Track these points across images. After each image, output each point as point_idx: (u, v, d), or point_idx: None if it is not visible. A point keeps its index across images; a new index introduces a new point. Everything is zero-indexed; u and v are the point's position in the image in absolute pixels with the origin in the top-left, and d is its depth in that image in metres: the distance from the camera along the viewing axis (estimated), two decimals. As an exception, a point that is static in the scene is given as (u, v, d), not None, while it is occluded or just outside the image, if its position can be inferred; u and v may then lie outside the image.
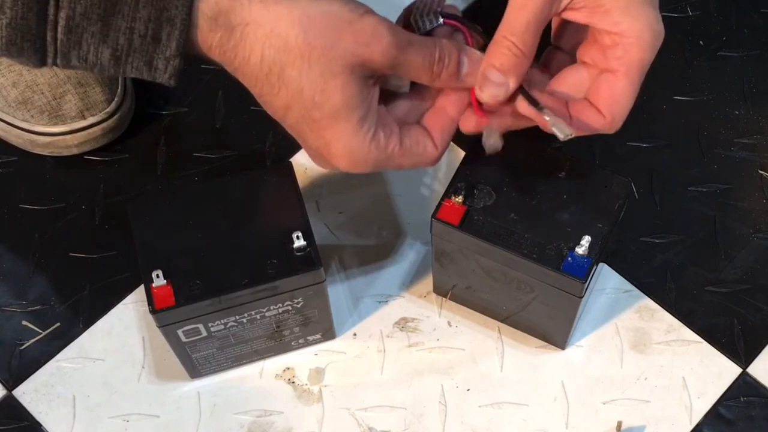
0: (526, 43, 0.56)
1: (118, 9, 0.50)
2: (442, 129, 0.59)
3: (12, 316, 0.71)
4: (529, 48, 0.56)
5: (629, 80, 0.57)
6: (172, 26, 0.50)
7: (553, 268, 0.59)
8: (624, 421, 0.66)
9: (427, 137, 0.58)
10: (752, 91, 0.80)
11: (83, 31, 0.50)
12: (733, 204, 0.75)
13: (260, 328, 0.64)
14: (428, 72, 0.56)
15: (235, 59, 0.52)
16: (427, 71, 0.56)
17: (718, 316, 0.70)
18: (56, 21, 0.50)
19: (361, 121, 0.54)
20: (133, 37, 0.51)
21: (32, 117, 0.75)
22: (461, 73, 0.57)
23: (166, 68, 0.52)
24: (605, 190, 0.62)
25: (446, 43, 0.56)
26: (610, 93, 0.57)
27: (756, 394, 0.67)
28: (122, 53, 0.51)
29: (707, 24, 0.84)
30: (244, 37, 0.51)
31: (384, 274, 0.72)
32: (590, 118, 0.58)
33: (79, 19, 0.50)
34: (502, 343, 0.69)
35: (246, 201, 0.62)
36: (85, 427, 0.67)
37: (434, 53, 0.55)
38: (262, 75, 0.53)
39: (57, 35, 0.50)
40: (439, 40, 0.56)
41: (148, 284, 0.59)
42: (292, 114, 0.54)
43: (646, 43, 0.56)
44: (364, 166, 0.56)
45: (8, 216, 0.76)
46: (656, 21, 0.57)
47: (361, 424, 0.67)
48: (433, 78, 0.56)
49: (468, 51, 0.57)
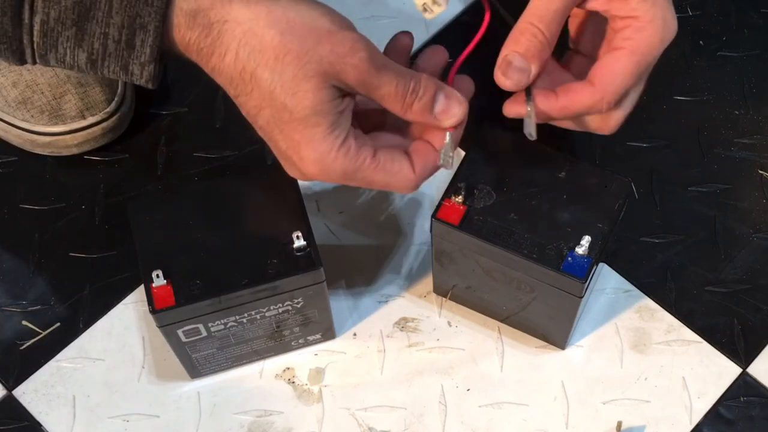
0: (551, 31, 0.56)
1: (92, 15, 0.50)
2: (424, 158, 0.58)
3: (12, 316, 0.71)
4: (553, 35, 0.56)
5: (631, 59, 0.57)
6: (145, 33, 0.51)
7: (553, 268, 0.59)
8: (624, 421, 0.66)
9: (405, 159, 0.57)
10: (752, 91, 0.80)
11: (58, 35, 0.51)
12: (733, 204, 0.75)
13: (260, 328, 0.64)
14: (400, 101, 0.55)
15: (211, 58, 0.52)
16: (398, 100, 0.55)
17: (718, 316, 0.70)
18: (31, 25, 0.50)
19: (332, 126, 0.53)
20: (108, 43, 0.51)
21: (32, 117, 0.75)
22: (435, 109, 0.56)
23: (142, 73, 0.53)
24: (605, 190, 0.62)
25: (425, 77, 0.55)
26: (607, 68, 0.58)
27: (756, 394, 0.67)
28: (98, 57, 0.52)
29: (707, 24, 0.84)
30: (221, 34, 0.51)
31: (384, 274, 0.72)
32: (579, 93, 0.58)
33: (53, 23, 0.50)
34: (502, 343, 0.69)
35: (246, 201, 0.62)
36: (85, 427, 0.67)
37: (408, 83, 0.54)
38: (236, 74, 0.52)
39: (33, 38, 0.51)
40: (418, 73, 0.55)
41: (148, 284, 0.59)
42: (264, 115, 0.54)
43: (658, 30, 0.56)
44: (332, 174, 0.55)
45: (8, 216, 0.76)
46: (672, 15, 0.57)
47: (361, 424, 0.67)
48: (404, 108, 0.55)
49: (446, 89, 0.56)
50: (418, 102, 0.55)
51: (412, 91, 0.55)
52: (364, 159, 0.55)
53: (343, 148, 0.54)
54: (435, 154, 0.58)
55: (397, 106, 0.55)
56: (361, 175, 0.56)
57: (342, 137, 0.54)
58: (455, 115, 0.56)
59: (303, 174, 0.56)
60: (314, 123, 0.53)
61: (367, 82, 0.53)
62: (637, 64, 0.57)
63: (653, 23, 0.56)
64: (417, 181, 0.57)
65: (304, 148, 0.54)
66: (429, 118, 0.56)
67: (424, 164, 0.57)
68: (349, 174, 0.55)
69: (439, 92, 0.56)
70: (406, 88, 0.54)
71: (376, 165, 0.56)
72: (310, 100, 0.52)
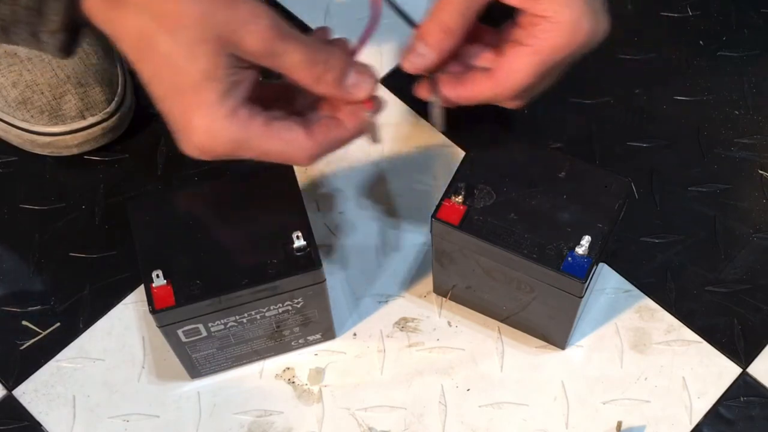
0: (456, 24, 0.57)
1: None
2: (326, 128, 0.56)
3: (12, 316, 0.71)
4: (458, 28, 0.57)
5: (534, 57, 0.58)
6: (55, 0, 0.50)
7: (553, 268, 0.59)
8: (624, 421, 0.66)
9: (301, 128, 0.55)
10: (752, 91, 0.80)
11: None
12: (733, 204, 0.75)
13: (260, 328, 0.64)
14: (308, 72, 0.53)
15: (115, 26, 0.51)
16: (306, 71, 0.53)
17: (718, 316, 0.70)
18: None
19: (224, 94, 0.52)
20: (17, 9, 0.51)
21: (32, 117, 0.75)
22: (346, 82, 0.55)
23: (51, 42, 0.52)
24: (605, 190, 0.62)
25: (335, 49, 0.55)
26: (509, 64, 0.58)
27: (756, 394, 0.67)
28: (8, 23, 0.51)
29: (707, 24, 0.84)
30: (125, 2, 0.50)
31: (384, 274, 0.72)
32: (479, 83, 0.59)
33: None
34: (502, 343, 0.69)
35: (246, 201, 0.62)
36: (85, 427, 0.67)
37: (317, 54, 0.53)
38: (136, 39, 0.51)
39: None
40: (327, 45, 0.55)
41: (148, 284, 0.59)
42: (161, 83, 0.52)
43: (565, 32, 0.57)
44: (221, 143, 0.53)
45: (8, 216, 0.76)
46: (586, 15, 0.57)
47: (361, 424, 0.67)
48: (313, 80, 0.54)
49: (357, 62, 0.56)
50: (330, 74, 0.54)
51: (321, 62, 0.54)
52: (257, 127, 0.53)
53: (234, 116, 0.52)
54: (340, 127, 0.56)
55: (307, 77, 0.54)
56: (254, 144, 0.54)
57: (232, 105, 0.52)
58: (367, 85, 0.56)
59: (194, 146, 0.54)
60: (206, 88, 0.51)
61: (271, 49, 0.52)
62: (538, 64, 0.58)
63: (561, 26, 0.56)
64: (315, 150, 0.55)
65: (193, 115, 0.52)
66: (339, 90, 0.55)
67: (324, 134, 0.56)
68: (240, 143, 0.53)
69: (350, 65, 0.55)
70: (314, 59, 0.53)
71: (270, 133, 0.54)
72: (204, 63, 0.51)
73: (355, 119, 0.57)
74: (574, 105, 0.79)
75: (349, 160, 0.77)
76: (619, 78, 0.80)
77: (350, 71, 0.55)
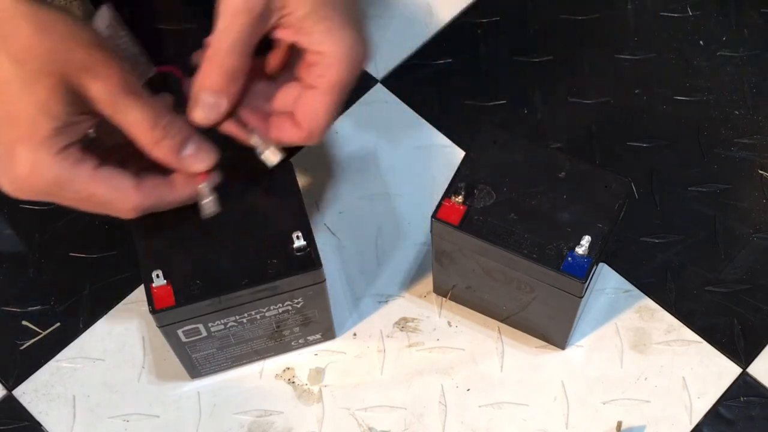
0: (234, 63, 0.55)
1: None
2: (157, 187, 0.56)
3: (12, 316, 0.71)
4: (238, 67, 0.56)
5: (327, 97, 0.58)
6: None
7: (553, 268, 0.59)
8: (624, 421, 0.66)
9: (131, 179, 0.54)
10: (752, 91, 0.80)
11: None
12: (733, 204, 0.75)
13: (260, 328, 0.64)
14: (147, 134, 0.53)
15: None
16: (145, 132, 0.53)
17: (718, 316, 0.70)
18: None
19: (56, 131, 0.51)
20: None
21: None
22: (183, 152, 0.55)
23: None
24: (605, 190, 0.62)
25: (183, 119, 0.54)
26: (307, 108, 0.58)
27: (756, 394, 0.67)
28: None
29: (707, 24, 0.84)
30: None
31: (384, 274, 0.72)
32: (288, 131, 0.59)
33: None
34: (502, 343, 0.69)
35: (246, 201, 0.62)
36: (85, 427, 0.67)
37: (160, 118, 0.53)
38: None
39: None
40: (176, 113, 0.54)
41: (148, 284, 0.59)
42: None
43: (345, 65, 0.57)
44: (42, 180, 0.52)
45: (8, 216, 0.76)
46: (357, 43, 0.57)
47: (361, 424, 0.67)
48: (151, 141, 0.53)
49: (200, 136, 0.55)
50: (169, 140, 0.54)
51: (164, 126, 0.53)
52: (85, 170, 0.52)
53: (63, 155, 0.52)
54: (171, 188, 0.56)
55: (144, 137, 0.53)
56: (79, 186, 0.53)
57: (63, 144, 0.51)
58: (204, 161, 0.56)
59: (13, 177, 0.52)
60: (40, 122, 0.51)
61: (114, 101, 0.51)
62: (333, 102, 0.58)
63: (340, 61, 0.56)
64: (140, 203, 0.55)
65: (21, 147, 0.51)
66: (175, 159, 0.55)
67: (153, 190, 0.55)
68: (64, 183, 0.52)
69: (192, 137, 0.55)
70: (156, 121, 0.53)
71: (97, 177, 0.53)
72: (43, 96, 0.50)
73: (187, 186, 0.57)
74: (574, 105, 0.79)
75: (349, 160, 0.77)
76: (619, 78, 0.80)
77: (189, 142, 0.55)
